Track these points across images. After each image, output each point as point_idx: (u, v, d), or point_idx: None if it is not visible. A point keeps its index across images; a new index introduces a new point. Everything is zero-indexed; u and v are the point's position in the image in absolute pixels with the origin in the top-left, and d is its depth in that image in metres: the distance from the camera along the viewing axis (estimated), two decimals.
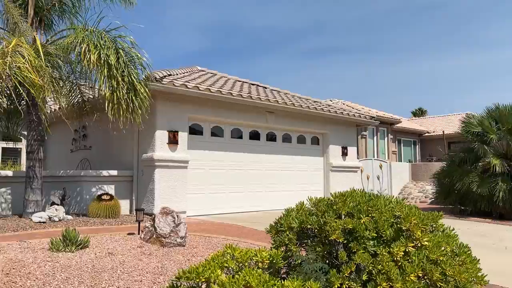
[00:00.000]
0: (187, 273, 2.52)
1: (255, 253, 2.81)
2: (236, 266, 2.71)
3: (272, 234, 3.96)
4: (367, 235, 3.55)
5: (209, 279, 2.47)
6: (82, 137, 12.02)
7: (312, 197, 4.10)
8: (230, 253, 2.77)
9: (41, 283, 4.02)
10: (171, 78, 9.90)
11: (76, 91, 9.94)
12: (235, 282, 2.38)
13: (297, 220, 3.87)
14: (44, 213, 7.95)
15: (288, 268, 3.61)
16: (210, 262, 2.61)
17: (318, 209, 3.92)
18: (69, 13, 9.13)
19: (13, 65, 7.10)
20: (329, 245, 3.78)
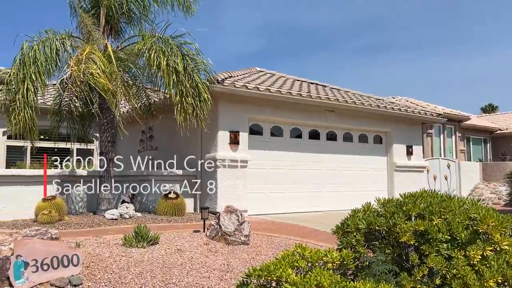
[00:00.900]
0: (258, 271, 2.57)
1: (325, 253, 2.80)
2: (306, 265, 2.71)
3: (339, 235, 3.91)
4: (440, 237, 3.41)
5: (280, 277, 2.50)
6: (148, 138, 12.59)
7: (380, 197, 4.01)
8: (300, 253, 2.78)
9: (117, 276, 4.27)
10: (232, 79, 10.10)
11: (142, 94, 10.43)
12: (306, 282, 2.39)
13: (364, 221, 3.79)
14: (116, 211, 8.43)
15: (355, 270, 3.55)
16: (280, 261, 2.63)
17: (386, 210, 3.82)
18: (137, 21, 9.60)
19: (86, 71, 7.60)
20: (399, 247, 3.67)
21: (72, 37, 8.83)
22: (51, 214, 7.69)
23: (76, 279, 4.04)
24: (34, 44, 8.10)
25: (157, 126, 11.44)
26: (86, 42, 8.66)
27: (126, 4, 9.15)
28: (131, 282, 4.14)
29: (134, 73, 9.82)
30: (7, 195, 8.51)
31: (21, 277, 3.86)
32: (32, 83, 7.97)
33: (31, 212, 8.51)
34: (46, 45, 8.16)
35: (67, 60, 8.40)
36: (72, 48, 8.56)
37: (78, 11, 9.10)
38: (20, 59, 8.14)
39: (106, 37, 9.08)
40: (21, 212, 8.58)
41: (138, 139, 13.17)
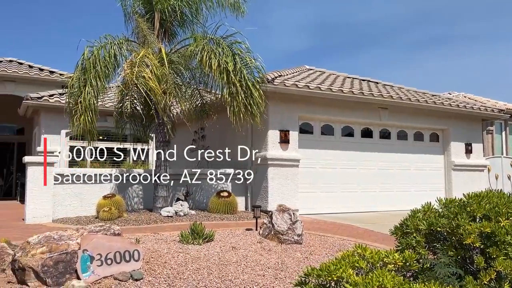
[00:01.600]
0: (318, 271, 2.54)
1: (386, 254, 2.73)
2: (366, 266, 2.65)
3: (397, 235, 3.79)
4: (508, 240, 3.22)
5: (340, 278, 2.46)
6: (200, 137, 12.86)
7: (441, 198, 3.86)
8: (360, 253, 2.72)
9: (175, 272, 4.40)
10: (281, 78, 10.09)
11: (197, 95, 10.67)
12: (368, 283, 2.33)
13: (425, 222, 3.65)
14: (171, 208, 8.70)
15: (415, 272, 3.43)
16: (340, 261, 2.59)
17: (449, 211, 3.66)
18: (189, 23, 9.84)
19: (139, 74, 7.89)
20: (462, 250, 3.50)
21: (129, 41, 9.21)
22: (111, 211, 8.07)
23: (138, 274, 4.21)
24: (94, 49, 8.53)
25: (208, 126, 11.65)
26: (142, 45, 9.01)
27: (178, 8, 9.41)
28: (189, 278, 4.25)
29: (187, 75, 10.06)
30: (72, 192, 9.02)
31: (87, 270, 4.07)
32: (93, 86, 8.40)
33: (93, 209, 8.98)
34: (105, 50, 8.57)
35: (123, 64, 8.77)
36: (129, 52, 8.93)
37: (133, 16, 9.47)
38: (81, 63, 8.61)
39: (160, 40, 9.38)
40: (84, 209, 9.07)
41: (191, 138, 13.49)
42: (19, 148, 16.90)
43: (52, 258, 3.99)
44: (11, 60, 14.86)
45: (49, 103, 12.53)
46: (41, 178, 8.38)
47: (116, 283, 4.02)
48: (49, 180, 8.51)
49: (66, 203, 8.91)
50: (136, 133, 10.90)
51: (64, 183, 8.91)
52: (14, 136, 17.03)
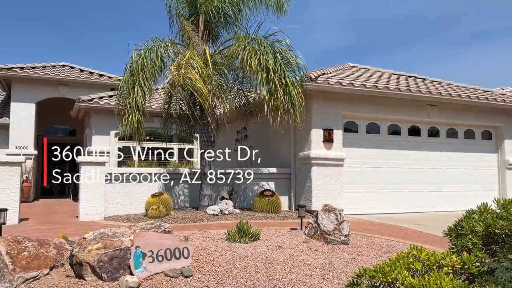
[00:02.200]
0: (372, 272, 2.50)
1: (442, 256, 2.63)
2: (422, 268, 2.57)
3: (451, 237, 3.65)
4: None
5: (395, 279, 2.40)
6: (243, 137, 12.97)
7: (500, 198, 3.68)
8: (415, 255, 2.64)
9: (224, 269, 4.46)
10: (325, 77, 9.98)
11: (241, 95, 10.77)
12: (425, 285, 2.26)
13: (482, 224, 3.50)
14: (216, 207, 8.83)
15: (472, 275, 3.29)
16: (395, 263, 2.53)
17: (508, 212, 3.48)
18: (232, 24, 9.94)
19: (185, 76, 8.06)
20: None
21: (175, 44, 9.42)
22: (159, 209, 8.30)
23: (187, 271, 4.30)
24: (142, 52, 8.80)
25: (251, 126, 11.73)
26: (187, 47, 9.19)
27: (222, 9, 9.53)
28: (237, 276, 4.30)
29: (230, 76, 10.17)
30: (121, 191, 9.35)
31: (140, 266, 4.21)
32: (141, 88, 8.67)
33: (141, 207, 9.27)
34: (152, 52, 8.82)
35: (170, 66, 8.99)
36: (175, 54, 9.14)
37: (179, 19, 9.67)
38: (130, 66, 8.91)
39: (204, 42, 9.54)
40: (133, 207, 9.39)
41: (234, 138, 13.63)
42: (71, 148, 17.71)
43: (107, 254, 4.15)
44: (64, 65, 15.62)
45: (99, 105, 13.07)
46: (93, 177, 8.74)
47: (167, 280, 4.12)
48: (101, 179, 8.87)
49: (116, 201, 9.26)
50: (181, 133, 11.14)
51: (114, 182, 9.25)
52: (67, 137, 17.88)
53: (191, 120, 9.71)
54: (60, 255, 4.49)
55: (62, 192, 16.92)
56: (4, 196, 8.03)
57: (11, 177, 8.19)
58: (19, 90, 14.13)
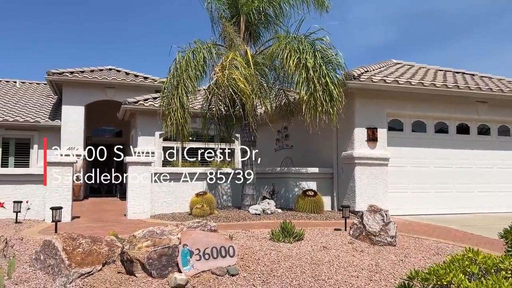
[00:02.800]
0: (425, 274, 2.43)
1: (500, 260, 2.52)
2: (478, 272, 2.47)
3: (508, 239, 3.49)
4: None
5: (450, 282, 2.32)
6: (284, 137, 12.97)
7: None
8: (471, 257, 2.54)
9: (269, 269, 4.48)
10: (368, 74, 9.79)
11: (281, 94, 10.76)
12: None
13: None
14: (258, 206, 8.87)
15: None
16: (449, 265, 2.44)
17: None
18: (273, 24, 9.96)
19: (229, 76, 8.15)
20: None
21: (216, 45, 9.56)
22: (203, 208, 8.45)
23: (233, 270, 4.35)
24: (186, 54, 9.00)
25: (292, 125, 11.70)
26: (229, 48, 9.30)
27: (263, 9, 9.57)
28: (283, 275, 4.30)
29: (271, 75, 10.19)
30: (166, 190, 9.60)
31: (188, 264, 4.30)
32: (184, 88, 8.87)
33: (186, 206, 9.48)
34: (195, 54, 8.99)
35: (213, 66, 9.14)
36: (217, 55, 9.27)
37: (220, 21, 9.81)
38: (174, 67, 9.13)
39: (245, 42, 9.61)
40: (178, 206, 9.61)
41: (274, 138, 13.66)
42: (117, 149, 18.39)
43: (156, 251, 4.28)
44: (110, 69, 16.23)
45: (144, 107, 13.47)
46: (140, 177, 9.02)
47: (214, 278, 4.19)
48: (147, 179, 9.14)
49: (162, 200, 9.51)
50: (221, 133, 11.29)
51: (159, 182, 9.51)
52: (114, 139, 18.57)
53: (231, 120, 9.81)
54: (111, 252, 4.67)
55: (109, 191, 17.57)
56: (58, 195, 8.44)
57: (64, 176, 8.59)
58: (70, 94, 14.81)
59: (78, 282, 4.10)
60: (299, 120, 10.70)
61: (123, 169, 16.99)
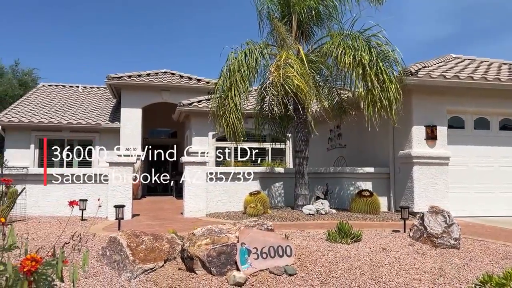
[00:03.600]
0: (500, 279, 2.29)
1: None
2: None
3: None
4: None
5: None
6: (337, 136, 12.76)
7: None
8: None
9: (327, 270, 4.42)
10: (426, 70, 9.41)
11: (334, 93, 10.61)
12: None
13: None
14: (312, 206, 8.80)
15: None
16: None
17: None
18: (326, 21, 9.83)
19: (284, 75, 8.14)
20: None
21: (268, 46, 9.58)
22: (257, 208, 8.50)
23: (291, 269, 4.33)
24: (238, 55, 9.09)
25: (345, 124, 11.48)
26: (280, 48, 9.29)
27: (315, 7, 9.47)
28: (341, 277, 4.23)
29: (324, 74, 10.08)
30: (221, 189, 9.77)
31: (246, 262, 4.35)
32: (237, 89, 8.96)
33: (239, 205, 9.60)
34: (248, 55, 9.06)
35: (265, 67, 9.18)
36: (269, 55, 9.29)
37: (272, 21, 9.81)
38: (226, 69, 9.25)
39: (297, 41, 9.56)
40: (232, 205, 9.75)
41: (326, 137, 13.48)
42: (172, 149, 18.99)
43: (215, 249, 4.36)
44: (165, 72, 16.76)
45: (197, 108, 13.80)
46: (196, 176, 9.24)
47: (272, 277, 4.20)
48: (203, 178, 9.35)
49: (216, 199, 9.69)
50: (273, 133, 11.30)
51: (214, 181, 9.69)
52: (169, 139, 19.18)
53: (283, 120, 9.78)
54: (172, 249, 4.82)
55: (165, 190, 18.17)
56: (119, 193, 8.85)
57: (125, 176, 8.99)
58: (128, 97, 15.47)
59: (142, 278, 4.26)
60: (353, 119, 10.50)
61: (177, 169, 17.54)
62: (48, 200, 9.07)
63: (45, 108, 16.46)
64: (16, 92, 21.96)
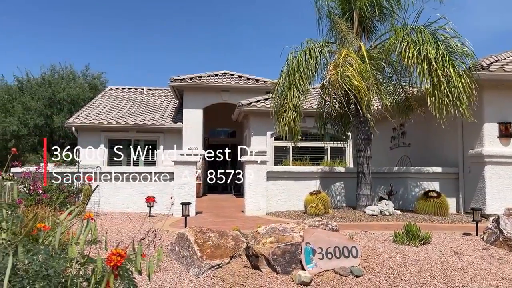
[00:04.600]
0: None
1: None
2: None
3: None
4: None
5: None
6: (400, 134, 12.32)
7: None
8: None
9: (395, 272, 4.29)
10: (499, 64, 8.82)
11: (398, 90, 10.25)
12: None
13: None
14: (375, 207, 8.56)
15: None
16: None
17: None
18: (389, 16, 9.52)
19: (343, 74, 8.00)
20: None
21: (328, 43, 9.46)
22: (318, 207, 8.43)
23: (357, 270, 4.26)
24: (298, 54, 9.06)
25: (410, 122, 11.04)
26: (341, 45, 9.14)
27: (377, 2, 9.21)
28: (411, 280, 4.09)
29: (386, 70, 9.77)
30: (280, 188, 9.80)
31: (311, 262, 4.33)
32: (296, 88, 8.94)
33: (299, 204, 9.57)
34: (307, 54, 9.01)
35: (325, 65, 9.07)
36: (329, 53, 9.17)
37: (332, 18, 9.69)
38: (285, 68, 9.25)
39: (359, 38, 9.35)
40: (291, 204, 9.75)
41: (388, 136, 13.05)
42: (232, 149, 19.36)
43: (280, 248, 4.38)
44: (224, 73, 17.09)
45: (256, 108, 13.94)
46: (256, 175, 9.35)
47: (338, 277, 4.15)
48: (263, 177, 9.43)
49: (276, 198, 9.73)
50: (333, 132, 11.13)
51: (273, 180, 9.74)
52: (228, 139, 19.54)
53: (344, 119, 9.60)
54: (237, 246, 4.91)
55: (225, 189, 18.52)
56: (184, 191, 9.16)
57: (189, 174, 9.29)
58: (189, 98, 15.97)
59: (209, 274, 4.39)
60: (419, 117, 10.08)
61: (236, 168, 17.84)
62: (118, 197, 9.60)
63: (113, 110, 17.42)
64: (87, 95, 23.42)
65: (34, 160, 19.14)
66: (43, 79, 23.59)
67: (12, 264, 1.89)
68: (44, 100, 21.53)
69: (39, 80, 23.48)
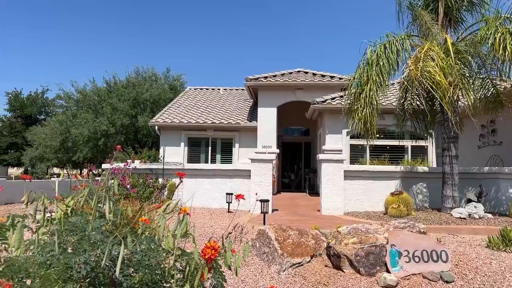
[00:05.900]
0: None
1: None
2: None
3: None
4: None
5: None
6: (490, 132, 11.43)
7: None
8: None
9: (491, 280, 3.98)
10: None
11: (488, 84, 9.49)
12: None
13: None
14: (463, 210, 8.02)
15: None
16: None
17: None
18: (478, 6, 8.85)
19: (424, 69, 7.57)
20: None
21: (410, 37, 9.02)
22: (399, 208, 8.09)
23: (448, 276, 4.02)
24: (377, 48, 8.75)
25: (500, 119, 10.17)
26: (424, 38, 8.67)
27: None
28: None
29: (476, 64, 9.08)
30: (359, 188, 9.54)
31: (396, 265, 4.17)
32: (375, 83, 8.62)
33: (379, 205, 9.25)
34: (387, 47, 8.66)
35: (406, 59, 8.66)
36: (411, 47, 8.74)
37: (414, 10, 9.23)
38: (363, 63, 8.97)
39: (444, 29, 8.80)
40: (370, 205, 9.46)
41: (476, 134, 12.16)
42: (305, 147, 19.26)
43: (363, 249, 4.27)
44: (298, 71, 17.02)
45: (331, 106, 13.70)
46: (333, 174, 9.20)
47: (426, 282, 3.95)
48: (339, 176, 9.26)
49: (354, 198, 9.50)
50: (415, 130, 10.59)
51: (350, 179, 9.52)
52: (302, 137, 19.46)
53: (426, 116, 9.09)
54: (318, 245, 4.87)
55: (298, 187, 18.49)
56: (260, 188, 9.28)
57: (266, 172, 9.39)
58: (264, 97, 16.14)
59: (290, 271, 4.40)
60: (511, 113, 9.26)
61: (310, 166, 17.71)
62: (198, 193, 9.98)
63: (192, 110, 18.15)
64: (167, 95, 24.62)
65: (121, 157, 20.54)
66: (128, 81, 25.23)
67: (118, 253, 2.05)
68: (129, 101, 23.01)
69: (125, 82, 25.15)
